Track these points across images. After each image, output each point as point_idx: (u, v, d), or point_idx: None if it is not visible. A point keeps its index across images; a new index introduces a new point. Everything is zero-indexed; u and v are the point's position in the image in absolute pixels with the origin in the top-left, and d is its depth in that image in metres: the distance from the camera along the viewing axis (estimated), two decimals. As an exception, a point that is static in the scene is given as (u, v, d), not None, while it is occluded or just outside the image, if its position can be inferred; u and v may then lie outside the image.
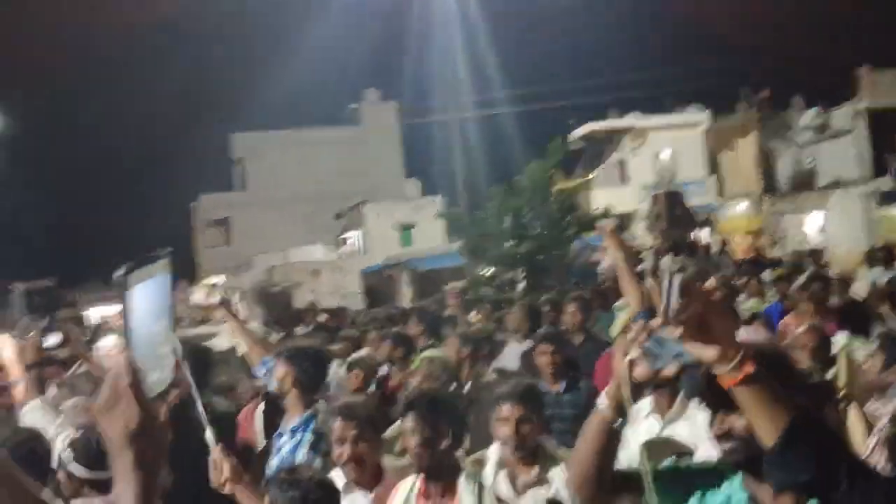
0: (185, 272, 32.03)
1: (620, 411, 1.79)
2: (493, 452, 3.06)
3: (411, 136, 40.35)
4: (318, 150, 38.51)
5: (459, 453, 2.96)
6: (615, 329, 4.68)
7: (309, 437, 3.28)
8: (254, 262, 34.63)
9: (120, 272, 1.23)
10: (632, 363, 1.72)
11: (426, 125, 33.34)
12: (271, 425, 3.99)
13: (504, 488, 2.95)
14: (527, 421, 2.95)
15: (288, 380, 3.39)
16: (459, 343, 5.22)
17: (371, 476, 2.91)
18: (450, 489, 2.69)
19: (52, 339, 4.38)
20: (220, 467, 2.68)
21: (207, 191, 40.18)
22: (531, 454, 2.94)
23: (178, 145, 38.58)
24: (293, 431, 3.34)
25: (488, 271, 14.45)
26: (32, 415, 3.66)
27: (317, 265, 31.05)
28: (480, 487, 2.70)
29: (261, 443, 4.34)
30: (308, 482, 2.41)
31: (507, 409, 2.97)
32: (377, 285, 27.53)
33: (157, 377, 1.26)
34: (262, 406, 4.61)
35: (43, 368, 4.04)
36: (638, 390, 1.78)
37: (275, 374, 3.49)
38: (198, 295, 4.39)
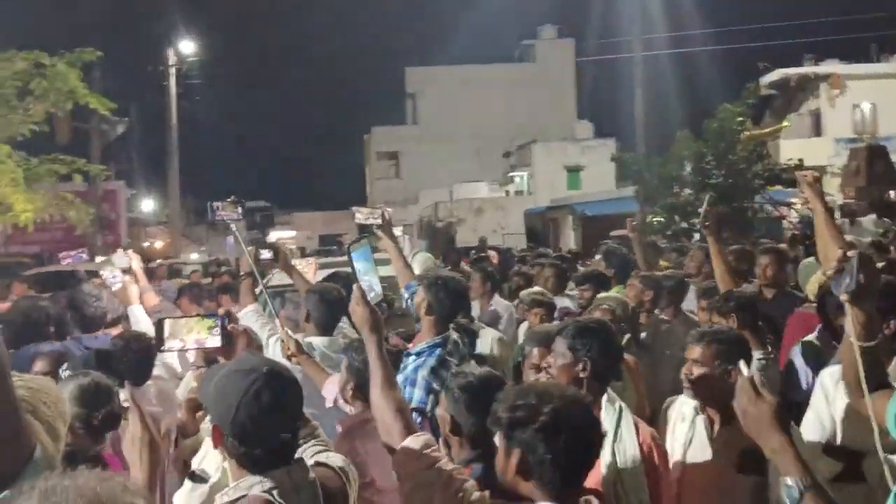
0: (356, 202, 33.20)
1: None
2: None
3: (586, 75, 39.33)
4: (491, 88, 38.32)
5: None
6: (811, 287, 4.31)
7: (432, 361, 3.37)
8: (420, 197, 35.43)
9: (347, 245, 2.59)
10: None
11: (603, 64, 32.22)
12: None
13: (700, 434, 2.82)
14: (715, 364, 2.76)
15: (424, 305, 3.52)
16: (642, 286, 4.96)
17: None
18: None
19: (266, 254, 4.70)
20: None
21: (381, 123, 41.24)
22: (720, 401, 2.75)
23: (357, 77, 39.66)
24: (418, 354, 3.43)
25: (661, 218, 13.84)
26: (247, 318, 4.07)
27: (481, 203, 31.30)
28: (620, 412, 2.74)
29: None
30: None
31: (697, 351, 2.80)
32: (540, 227, 27.31)
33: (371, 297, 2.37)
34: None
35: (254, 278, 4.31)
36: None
37: (415, 298, 3.66)
38: (360, 214, 4.56)
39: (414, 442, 2.05)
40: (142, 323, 4.61)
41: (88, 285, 4.94)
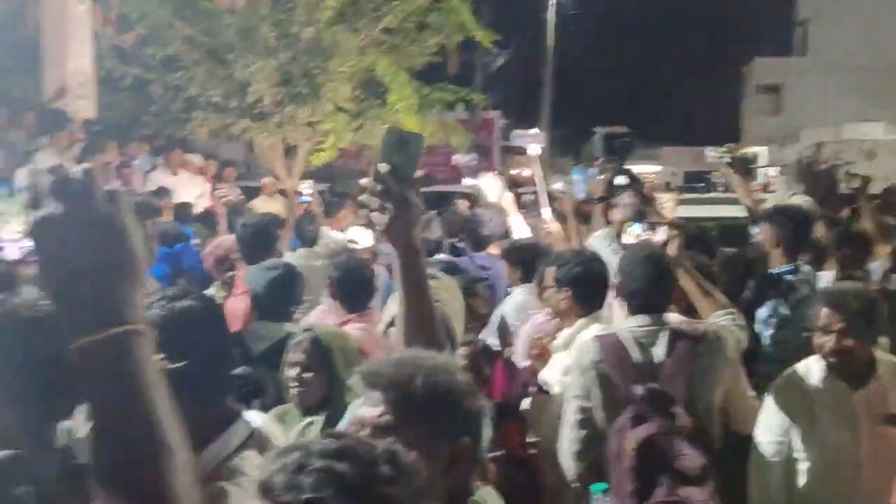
0: (728, 139, 31.41)
1: None
2: None
3: None
4: (893, 18, 33.19)
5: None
6: None
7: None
8: (802, 136, 32.33)
9: None
10: None
11: None
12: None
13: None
14: None
15: (771, 238, 3.79)
16: None
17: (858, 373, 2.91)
18: None
19: (621, 179, 4.78)
20: None
21: (763, 54, 38.13)
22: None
23: (738, 4, 36.90)
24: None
25: None
26: (597, 243, 4.32)
27: (874, 145, 27.65)
28: None
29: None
30: None
31: None
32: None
33: None
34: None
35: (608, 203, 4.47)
36: None
37: (758, 234, 3.95)
38: (713, 153, 4.57)
39: None
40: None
41: (481, 209, 5.61)
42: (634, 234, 3.94)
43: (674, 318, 3.13)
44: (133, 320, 0.92)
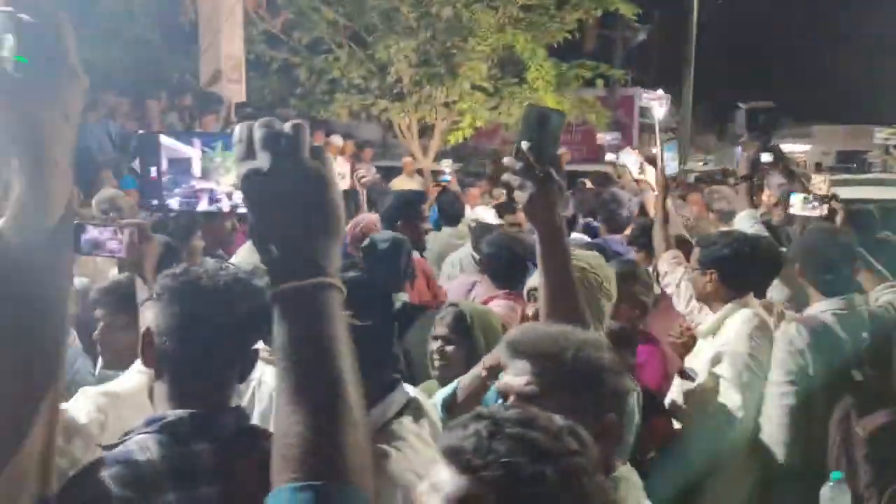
0: (888, 118, 29.15)
1: None
2: None
3: None
4: None
5: None
6: None
7: None
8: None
9: None
10: None
11: None
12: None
13: None
14: None
15: None
16: None
17: None
18: None
19: (766, 157, 4.55)
20: None
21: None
22: None
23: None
24: None
25: None
26: (741, 222, 4.13)
27: None
28: None
29: None
30: None
31: None
32: None
33: None
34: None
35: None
36: None
37: None
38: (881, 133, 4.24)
39: None
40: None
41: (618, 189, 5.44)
42: (799, 204, 3.81)
43: (859, 299, 3.08)
44: (331, 273, 0.94)
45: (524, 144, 1.64)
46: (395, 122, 11.73)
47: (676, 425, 3.04)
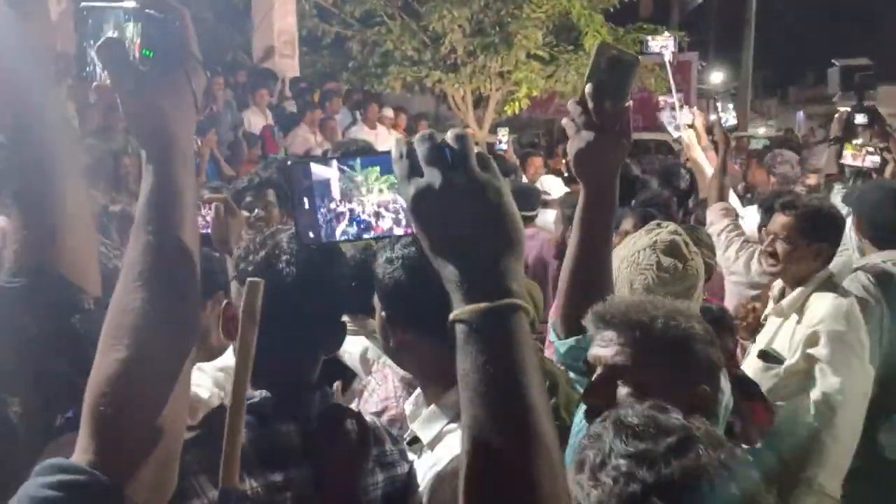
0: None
1: None
2: None
3: None
4: None
5: None
6: None
7: None
8: None
9: None
10: None
11: None
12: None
13: None
14: None
15: None
16: None
17: None
18: None
19: (861, 118, 4.33)
20: None
21: None
22: None
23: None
24: None
25: None
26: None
27: None
28: None
29: None
30: None
31: None
32: None
33: None
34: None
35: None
36: None
37: None
38: None
39: None
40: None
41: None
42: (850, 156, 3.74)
43: None
44: (518, 293, 0.86)
45: (588, 87, 1.46)
46: (449, 94, 11.59)
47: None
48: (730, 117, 5.27)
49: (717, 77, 35.09)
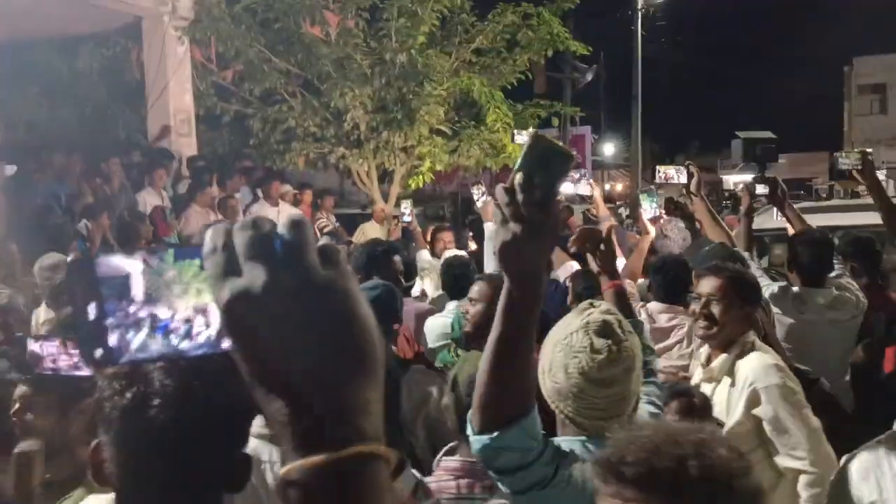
0: (828, 143, 30.06)
1: None
2: None
3: None
4: None
5: None
6: None
7: None
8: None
9: None
10: None
11: None
12: None
13: None
14: None
15: None
16: None
17: None
18: None
19: (762, 189, 4.51)
20: None
21: (865, 53, 36.44)
22: None
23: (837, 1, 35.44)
24: None
25: None
26: None
27: None
28: None
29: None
30: None
31: None
32: None
33: None
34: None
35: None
36: None
37: None
38: (843, 161, 4.31)
39: None
40: None
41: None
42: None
43: None
44: (372, 434, 0.65)
45: (518, 177, 1.37)
46: (353, 169, 11.54)
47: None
48: (655, 209, 5.54)
49: (608, 149, 36.73)
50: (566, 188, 5.49)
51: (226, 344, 0.70)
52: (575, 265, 4.52)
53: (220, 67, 11.17)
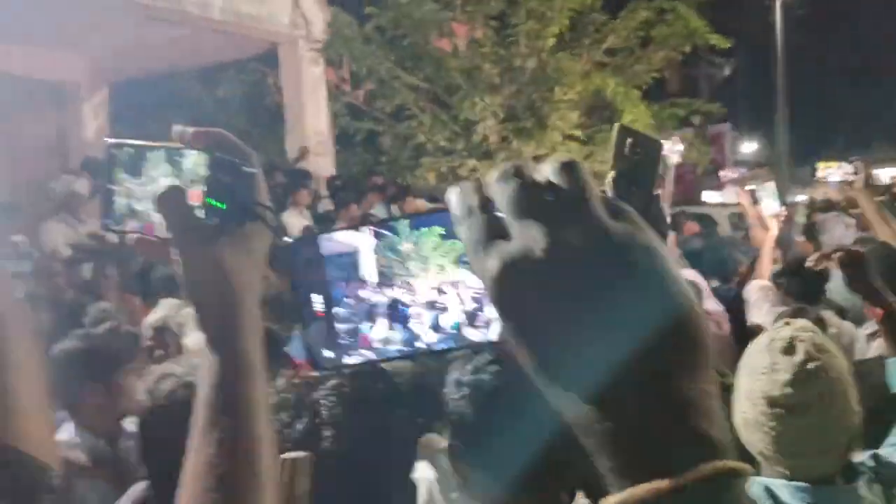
0: None
1: None
2: None
3: None
4: None
5: None
6: None
7: None
8: None
9: None
10: None
11: None
12: None
13: None
14: None
15: None
16: None
17: None
18: None
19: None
20: None
21: None
22: None
23: None
24: None
25: None
26: None
27: None
28: None
29: None
30: None
31: None
32: None
33: None
34: None
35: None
36: None
37: None
38: None
39: None
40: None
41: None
42: None
43: None
44: (724, 446, 0.45)
45: (610, 175, 1.20)
46: (484, 182, 11.46)
47: None
48: (772, 203, 5.26)
49: (749, 147, 35.04)
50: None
51: (492, 333, 0.57)
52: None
53: (352, 87, 11.37)
